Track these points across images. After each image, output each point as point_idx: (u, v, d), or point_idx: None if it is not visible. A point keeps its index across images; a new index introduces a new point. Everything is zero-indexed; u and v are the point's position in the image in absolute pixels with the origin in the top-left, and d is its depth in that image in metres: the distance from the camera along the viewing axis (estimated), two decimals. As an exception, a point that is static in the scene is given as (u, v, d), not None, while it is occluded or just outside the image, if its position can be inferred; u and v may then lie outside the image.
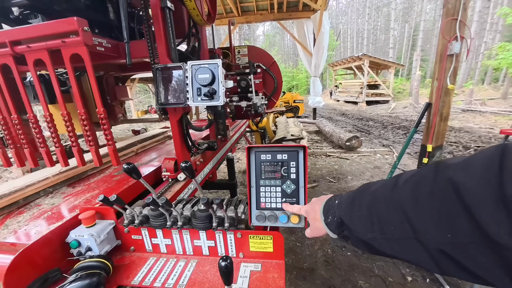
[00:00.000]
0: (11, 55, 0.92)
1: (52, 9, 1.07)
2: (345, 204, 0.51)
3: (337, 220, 0.51)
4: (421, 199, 0.35)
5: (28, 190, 1.16)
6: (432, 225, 0.34)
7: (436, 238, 0.33)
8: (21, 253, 0.60)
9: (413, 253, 0.38)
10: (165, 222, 0.67)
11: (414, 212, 0.36)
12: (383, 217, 0.41)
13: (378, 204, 0.43)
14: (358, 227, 0.47)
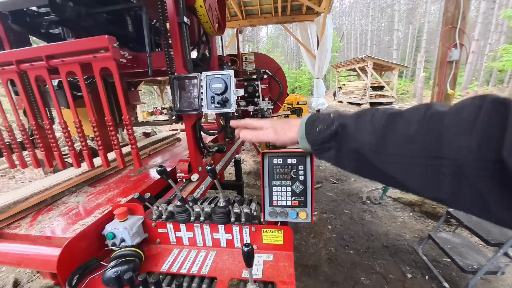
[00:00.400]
0: (45, 68, 1.03)
1: (79, 24, 1.18)
2: (353, 116, 0.50)
3: (335, 128, 0.49)
4: (461, 124, 0.34)
5: (54, 189, 1.26)
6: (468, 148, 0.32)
7: (463, 158, 0.33)
8: (67, 245, 0.69)
9: (423, 173, 0.37)
10: (188, 217, 0.77)
11: (450, 134, 0.35)
12: (407, 135, 0.39)
13: (403, 121, 0.41)
14: (364, 138, 0.44)
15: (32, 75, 1.05)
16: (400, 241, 2.22)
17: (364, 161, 0.45)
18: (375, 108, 0.48)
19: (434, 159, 0.36)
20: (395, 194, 3.07)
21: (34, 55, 1.00)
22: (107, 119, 1.05)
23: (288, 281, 0.66)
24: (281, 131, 0.60)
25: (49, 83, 1.05)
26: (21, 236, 0.98)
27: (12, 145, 1.24)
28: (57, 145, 1.17)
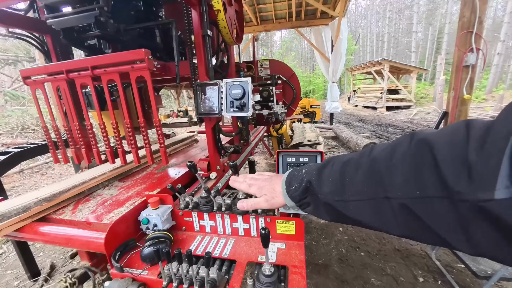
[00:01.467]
0: (90, 76, 1.19)
1: (117, 38, 1.35)
2: (315, 171, 0.53)
3: (305, 185, 0.53)
4: (396, 158, 0.38)
5: (91, 183, 1.43)
6: (402, 180, 0.36)
7: (405, 195, 0.36)
8: (112, 226, 0.82)
9: (379, 213, 0.41)
10: (211, 207, 0.88)
11: (389, 173, 0.38)
12: (356, 181, 0.43)
13: (353, 169, 0.45)
14: (327, 190, 0.48)
15: (78, 83, 1.22)
16: (412, 245, 2.20)
17: (335, 211, 0.48)
18: (335, 157, 0.53)
19: (384, 199, 0.39)
20: (410, 199, 3.02)
21: (81, 65, 1.17)
22: (140, 121, 1.19)
23: (299, 265, 0.74)
24: (270, 200, 0.64)
25: (93, 90, 1.21)
26: (66, 221, 1.13)
27: (57, 143, 1.42)
28: (96, 144, 1.34)
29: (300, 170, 0.59)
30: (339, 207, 0.47)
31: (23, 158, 1.59)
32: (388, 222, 0.40)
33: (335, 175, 0.48)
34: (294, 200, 0.57)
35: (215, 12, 1.32)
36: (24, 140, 5.59)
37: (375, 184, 0.41)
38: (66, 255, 2.23)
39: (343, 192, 0.46)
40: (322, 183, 0.50)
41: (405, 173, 0.37)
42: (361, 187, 0.43)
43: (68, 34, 1.32)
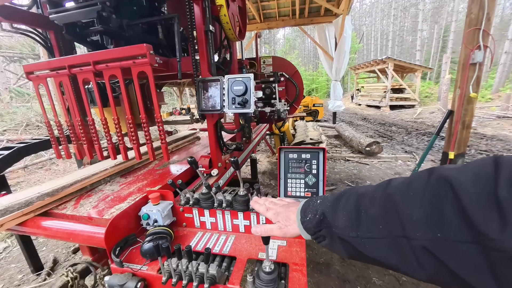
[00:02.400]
0: (92, 72, 1.19)
1: (120, 33, 1.34)
2: (330, 202, 0.50)
3: (319, 217, 0.51)
4: (414, 196, 0.35)
5: (93, 178, 1.43)
6: (423, 221, 0.33)
7: (424, 235, 0.33)
8: (112, 221, 0.83)
9: (397, 253, 0.37)
10: (212, 204, 0.87)
11: (406, 209, 0.36)
12: (372, 215, 0.41)
13: (368, 202, 0.42)
14: (341, 224, 0.45)
15: (80, 78, 1.22)
16: (415, 245, 2.18)
17: (352, 248, 0.45)
18: (351, 188, 0.49)
19: (402, 239, 0.36)
20: (413, 199, 3.00)
21: (83, 60, 1.17)
22: (142, 118, 1.19)
23: (300, 263, 0.74)
24: (284, 228, 0.61)
25: (95, 85, 1.21)
26: (68, 216, 1.14)
27: (60, 138, 1.43)
28: (98, 140, 1.34)
29: (315, 200, 0.56)
30: (355, 244, 0.44)
31: (27, 153, 1.60)
32: (409, 264, 0.37)
33: (349, 208, 0.45)
34: (309, 232, 0.54)
35: (218, 7, 1.30)
36: (29, 136, 5.65)
37: (392, 220, 0.38)
38: (68, 250, 2.25)
39: (358, 227, 0.43)
40: (336, 217, 0.47)
41: (424, 211, 0.34)
42: (376, 223, 0.40)
43: (71, 30, 1.32)
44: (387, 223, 0.38)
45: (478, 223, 0.28)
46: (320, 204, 0.53)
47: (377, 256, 0.41)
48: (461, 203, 0.30)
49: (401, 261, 0.38)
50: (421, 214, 0.34)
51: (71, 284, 1.14)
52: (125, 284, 0.69)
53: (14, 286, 1.84)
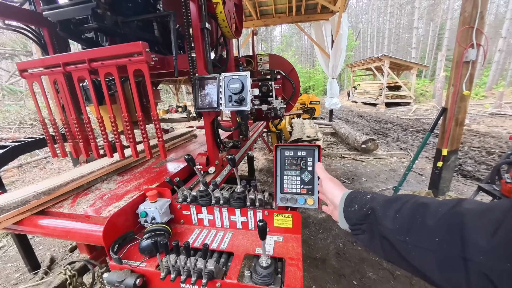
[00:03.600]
0: (87, 69, 1.18)
1: (115, 31, 1.33)
2: (382, 201, 0.50)
3: (366, 211, 0.51)
4: (488, 219, 0.34)
5: (90, 177, 1.43)
6: (491, 247, 0.32)
7: (489, 261, 0.31)
8: (110, 219, 0.83)
9: (447, 271, 0.36)
10: (209, 201, 0.88)
11: (473, 233, 0.34)
12: (428, 227, 0.39)
13: (428, 213, 0.41)
14: (390, 225, 0.45)
15: (75, 76, 1.21)
16: (409, 240, 2.23)
17: (394, 250, 0.45)
18: (409, 195, 0.48)
19: (458, 258, 0.35)
20: (407, 195, 3.05)
21: (78, 58, 1.16)
22: (138, 115, 1.19)
23: (296, 258, 0.75)
24: (333, 210, 0.65)
25: (90, 83, 1.20)
26: (65, 214, 1.14)
27: (55, 137, 1.42)
28: (94, 138, 1.33)
29: (364, 194, 0.56)
30: (399, 247, 0.43)
31: (22, 152, 1.59)
32: (456, 284, 0.36)
33: (404, 212, 0.44)
34: (349, 221, 0.55)
35: (214, 4, 1.30)
36: (23, 135, 5.57)
37: (452, 239, 0.36)
38: (65, 249, 2.25)
39: (409, 233, 0.42)
40: (386, 216, 0.46)
41: (497, 239, 0.32)
42: (432, 235, 0.39)
43: (65, 27, 1.30)
44: (444, 239, 0.37)
45: None
46: (370, 199, 0.53)
47: (419, 266, 0.41)
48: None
49: (447, 279, 0.37)
50: (491, 244, 0.32)
51: (69, 282, 1.14)
52: (124, 280, 0.70)
53: (11, 285, 1.83)
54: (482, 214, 0.35)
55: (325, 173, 0.70)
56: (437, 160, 2.70)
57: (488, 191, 1.91)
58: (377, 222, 0.48)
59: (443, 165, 2.63)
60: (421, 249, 0.40)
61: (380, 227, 0.47)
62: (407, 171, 2.89)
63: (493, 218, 0.33)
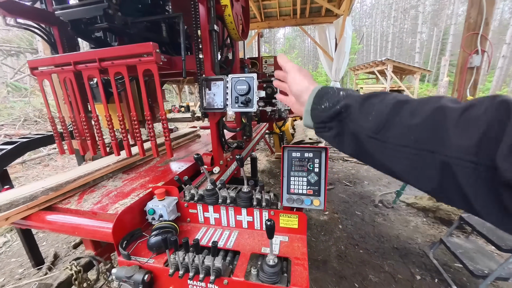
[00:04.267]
0: (97, 68, 1.20)
1: (124, 31, 1.35)
2: (359, 97, 0.47)
3: (339, 108, 0.47)
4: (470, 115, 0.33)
5: (96, 174, 1.45)
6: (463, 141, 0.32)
7: (454, 154, 0.32)
8: (119, 216, 0.84)
9: (411, 164, 0.38)
10: (216, 200, 0.90)
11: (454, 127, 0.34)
12: (407, 123, 0.38)
13: (408, 110, 0.39)
14: (365, 122, 0.43)
15: (85, 75, 1.23)
16: (411, 244, 2.23)
17: (361, 147, 0.45)
18: (387, 92, 0.46)
19: (430, 153, 0.35)
20: (409, 199, 3.05)
21: (89, 57, 1.18)
22: (146, 114, 1.21)
23: (302, 258, 0.76)
24: (297, 103, 0.60)
25: (100, 82, 1.22)
26: (72, 210, 1.16)
27: (63, 134, 1.44)
28: (101, 136, 1.35)
29: (336, 90, 0.51)
30: (368, 145, 0.43)
31: (29, 149, 1.61)
32: (428, 180, 0.37)
33: (382, 109, 0.42)
34: (316, 119, 0.52)
35: (222, 7, 1.32)
36: (27, 132, 5.62)
37: (429, 136, 0.36)
38: (69, 245, 2.27)
39: (384, 130, 0.41)
40: (361, 113, 0.44)
41: (472, 134, 0.31)
42: (409, 133, 0.38)
43: (76, 26, 1.33)
44: (422, 137, 0.36)
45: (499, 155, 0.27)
46: (344, 96, 0.49)
47: (389, 163, 0.41)
48: None
49: (417, 175, 0.38)
50: (468, 141, 0.32)
51: (75, 278, 1.16)
52: (133, 276, 0.71)
53: (15, 280, 1.85)
54: (463, 111, 0.34)
55: (291, 63, 0.63)
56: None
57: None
58: (349, 119, 0.46)
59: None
60: (394, 146, 0.39)
61: (352, 125, 0.45)
62: (410, 175, 2.89)
63: (474, 114, 0.33)
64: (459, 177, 0.32)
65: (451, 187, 0.34)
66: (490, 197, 0.30)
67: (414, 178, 0.39)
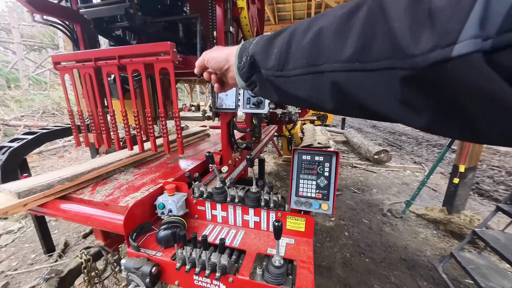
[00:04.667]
0: (116, 65, 1.25)
1: (143, 30, 1.40)
2: (264, 41, 0.43)
3: (250, 59, 0.44)
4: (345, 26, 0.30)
5: (109, 167, 1.50)
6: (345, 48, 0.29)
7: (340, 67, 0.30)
8: (131, 208, 0.87)
9: (313, 89, 0.35)
10: (225, 198, 0.91)
11: (334, 37, 0.31)
12: (300, 49, 0.36)
13: (300, 34, 0.36)
14: (270, 63, 0.40)
15: (105, 71, 1.28)
16: (419, 256, 2.16)
17: (278, 89, 0.42)
18: (294, 24, 0.41)
19: (319, 74, 0.33)
20: (419, 210, 2.96)
21: (109, 54, 1.22)
22: (160, 112, 1.24)
23: (307, 261, 0.76)
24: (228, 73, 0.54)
25: (118, 79, 1.27)
26: (85, 200, 1.20)
27: (81, 127, 1.50)
28: (116, 130, 1.40)
29: (251, 41, 0.47)
30: (279, 84, 0.40)
31: (48, 139, 1.68)
32: (324, 97, 0.35)
33: (281, 43, 0.39)
34: (243, 77, 0.48)
35: (239, 9, 1.34)
36: (45, 123, 5.86)
37: (317, 53, 0.33)
38: (79, 234, 2.34)
39: (285, 65, 0.38)
40: (267, 56, 0.41)
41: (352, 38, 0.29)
42: (302, 58, 0.35)
43: (98, 24, 1.38)
44: (309, 56, 0.34)
45: (402, 39, 0.24)
46: (254, 44, 0.45)
47: (297, 92, 0.38)
48: (389, 22, 0.25)
49: (313, 95, 0.36)
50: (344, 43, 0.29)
51: (84, 266, 1.20)
52: (141, 267, 0.73)
53: (28, 265, 1.93)
54: (344, 18, 0.31)
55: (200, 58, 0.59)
56: (453, 177, 2.61)
57: (507, 212, 1.83)
58: (260, 66, 0.43)
59: (459, 182, 2.54)
60: (295, 77, 0.37)
61: (264, 71, 0.42)
62: (421, 185, 2.81)
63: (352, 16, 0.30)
64: (350, 91, 0.31)
65: (349, 103, 0.32)
66: (391, 102, 0.28)
67: (316, 101, 0.37)
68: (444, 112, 0.24)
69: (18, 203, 1.05)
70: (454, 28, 0.20)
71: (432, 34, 0.22)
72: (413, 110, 0.26)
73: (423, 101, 0.25)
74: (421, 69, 0.23)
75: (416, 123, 0.28)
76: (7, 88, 8.28)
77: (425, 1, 0.23)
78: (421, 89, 0.24)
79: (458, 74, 0.20)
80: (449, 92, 0.22)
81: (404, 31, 0.24)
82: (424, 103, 0.25)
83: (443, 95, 0.23)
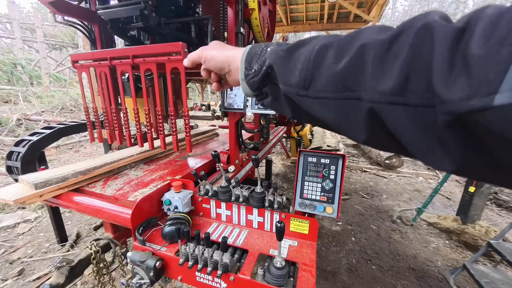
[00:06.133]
0: (130, 64, 1.29)
1: (157, 30, 1.44)
2: (284, 51, 0.40)
3: (266, 69, 0.41)
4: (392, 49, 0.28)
5: (120, 163, 1.54)
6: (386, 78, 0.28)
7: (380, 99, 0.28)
8: (139, 203, 0.90)
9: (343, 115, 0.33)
10: (229, 197, 0.92)
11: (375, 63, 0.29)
12: (334, 69, 0.33)
13: (334, 53, 0.33)
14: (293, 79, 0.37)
15: (119, 70, 1.32)
16: (429, 266, 2.09)
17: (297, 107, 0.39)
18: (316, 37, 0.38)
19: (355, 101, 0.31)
20: (431, 218, 2.86)
21: (123, 54, 1.27)
22: (170, 110, 1.27)
23: (310, 264, 0.76)
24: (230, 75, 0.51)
25: (131, 77, 1.31)
26: (96, 194, 1.24)
27: (95, 123, 1.56)
28: (128, 127, 1.44)
29: (263, 48, 0.44)
30: (300, 102, 0.37)
31: (65, 134, 1.76)
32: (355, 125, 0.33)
33: (307, 60, 0.36)
34: (251, 86, 0.44)
35: (250, 10, 1.35)
36: (63, 119, 6.12)
37: (352, 81, 0.31)
38: (90, 226, 2.43)
39: (311, 84, 0.35)
40: (289, 71, 0.38)
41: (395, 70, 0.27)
42: (336, 81, 0.33)
43: (115, 25, 1.43)
44: (345, 82, 0.32)
45: (439, 86, 0.23)
46: (269, 53, 0.42)
47: (321, 117, 0.36)
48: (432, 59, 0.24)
49: (344, 122, 0.34)
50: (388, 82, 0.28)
51: (94, 257, 1.24)
52: (146, 261, 0.75)
53: (42, 253, 2.03)
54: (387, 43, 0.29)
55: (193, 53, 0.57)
56: (469, 185, 2.50)
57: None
58: (277, 80, 0.40)
59: (475, 190, 2.43)
60: (323, 100, 0.34)
61: (281, 85, 0.39)
62: (434, 193, 2.72)
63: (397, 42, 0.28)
64: (388, 123, 0.29)
65: (383, 136, 0.31)
66: (426, 139, 0.26)
67: (345, 129, 0.35)
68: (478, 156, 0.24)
69: (35, 193, 1.10)
70: (495, 78, 0.20)
71: (470, 81, 0.21)
72: (446, 152, 0.26)
73: (455, 144, 0.25)
74: (457, 115, 0.23)
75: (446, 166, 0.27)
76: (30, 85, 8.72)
77: (462, 45, 0.23)
78: (456, 133, 0.24)
79: (497, 122, 0.21)
80: (484, 138, 0.23)
81: (445, 71, 0.23)
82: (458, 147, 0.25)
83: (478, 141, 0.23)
